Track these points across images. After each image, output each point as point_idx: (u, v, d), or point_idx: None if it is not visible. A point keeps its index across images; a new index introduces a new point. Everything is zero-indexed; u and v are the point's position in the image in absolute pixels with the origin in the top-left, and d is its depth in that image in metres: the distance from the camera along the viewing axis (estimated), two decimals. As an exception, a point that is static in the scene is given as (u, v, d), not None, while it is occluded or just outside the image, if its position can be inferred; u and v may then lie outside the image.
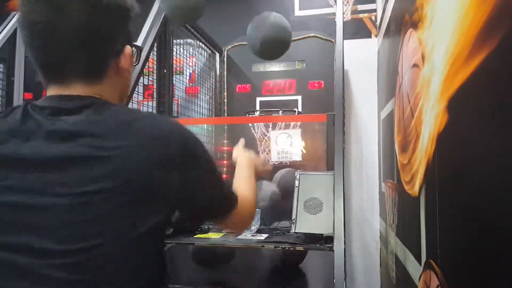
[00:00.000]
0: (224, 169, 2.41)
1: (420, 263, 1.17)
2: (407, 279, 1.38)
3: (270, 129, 2.21)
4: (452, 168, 0.88)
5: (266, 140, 2.21)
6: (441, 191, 0.95)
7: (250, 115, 2.40)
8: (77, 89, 0.67)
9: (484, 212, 0.69)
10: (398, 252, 1.65)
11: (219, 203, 0.79)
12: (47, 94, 0.68)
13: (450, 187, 0.89)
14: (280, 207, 1.82)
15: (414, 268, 1.26)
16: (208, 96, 2.84)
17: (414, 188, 1.25)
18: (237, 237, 1.52)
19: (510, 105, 0.58)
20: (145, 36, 1.88)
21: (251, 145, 2.26)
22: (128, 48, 0.73)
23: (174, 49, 2.35)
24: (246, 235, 1.59)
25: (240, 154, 1.16)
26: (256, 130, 2.28)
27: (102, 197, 0.59)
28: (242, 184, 0.97)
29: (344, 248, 1.27)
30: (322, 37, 2.63)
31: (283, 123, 2.17)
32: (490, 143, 0.67)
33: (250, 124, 2.31)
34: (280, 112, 2.34)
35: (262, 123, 2.26)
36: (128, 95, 0.82)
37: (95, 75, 0.69)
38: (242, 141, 1.28)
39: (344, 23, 1.98)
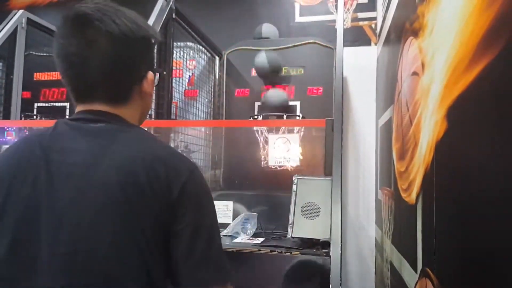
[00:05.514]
0: (221, 177, 2.41)
1: (416, 271, 1.17)
2: (402, 287, 1.38)
3: (267, 133, 2.21)
4: (450, 176, 0.88)
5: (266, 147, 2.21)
6: (438, 199, 0.95)
7: (254, 119, 2.41)
8: (103, 109, 0.74)
9: (482, 221, 0.69)
10: (393, 260, 1.64)
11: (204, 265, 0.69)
12: (76, 110, 0.76)
13: (448, 195, 0.89)
14: (277, 211, 1.81)
15: (410, 276, 1.26)
16: (206, 100, 2.85)
17: (411, 195, 1.25)
18: (233, 241, 1.51)
19: (510, 114, 0.59)
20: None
21: (253, 148, 2.26)
22: (150, 74, 0.78)
23: (174, 52, 2.35)
24: (242, 239, 1.59)
25: None
26: (260, 135, 2.29)
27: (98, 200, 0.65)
28: None
29: (340, 254, 1.27)
30: (322, 43, 2.64)
31: (283, 128, 2.17)
32: (489, 152, 0.67)
33: (254, 128, 2.31)
34: (284, 116, 2.35)
35: (265, 128, 2.25)
36: (147, 115, 0.88)
37: (120, 99, 0.75)
38: None
39: (344, 30, 1.99)
